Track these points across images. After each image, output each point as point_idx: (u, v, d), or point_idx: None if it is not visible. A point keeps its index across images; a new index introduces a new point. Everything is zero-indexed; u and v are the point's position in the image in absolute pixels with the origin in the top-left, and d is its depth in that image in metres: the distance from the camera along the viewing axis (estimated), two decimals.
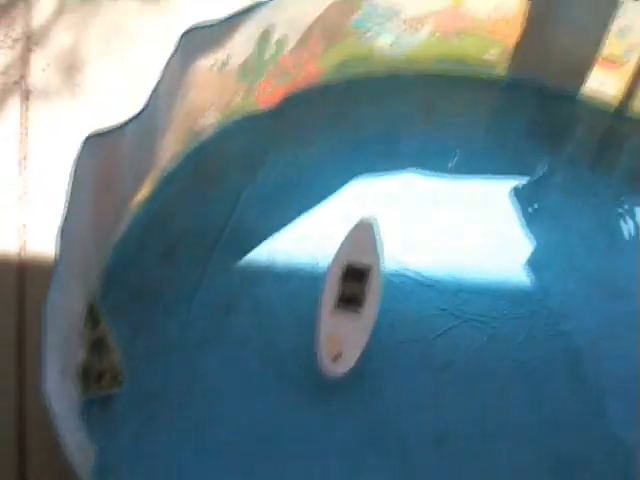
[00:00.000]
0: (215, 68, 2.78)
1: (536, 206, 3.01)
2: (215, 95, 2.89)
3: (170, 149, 2.86)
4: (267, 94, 3.02)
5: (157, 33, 3.26)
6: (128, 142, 2.49)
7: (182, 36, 2.53)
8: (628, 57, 2.94)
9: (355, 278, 2.97)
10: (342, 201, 3.02)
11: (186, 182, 2.97)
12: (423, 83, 3.15)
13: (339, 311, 3.04)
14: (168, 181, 2.91)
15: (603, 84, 3.04)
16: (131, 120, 2.40)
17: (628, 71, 2.96)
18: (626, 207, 3.02)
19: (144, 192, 2.84)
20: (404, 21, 3.07)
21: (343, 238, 3.13)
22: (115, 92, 3.08)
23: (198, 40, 2.57)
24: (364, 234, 3.11)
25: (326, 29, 2.97)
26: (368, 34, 3.09)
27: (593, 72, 3.02)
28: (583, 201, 2.98)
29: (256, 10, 2.64)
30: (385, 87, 3.14)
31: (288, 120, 3.03)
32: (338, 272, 2.99)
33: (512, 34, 3.04)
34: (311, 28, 2.91)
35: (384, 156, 3.06)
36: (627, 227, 2.94)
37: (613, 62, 2.98)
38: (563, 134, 3.22)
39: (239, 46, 2.75)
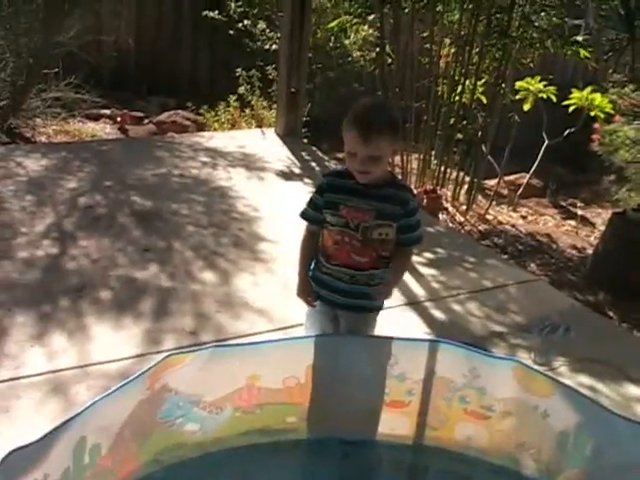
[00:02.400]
0: None
1: None
2: None
3: None
4: None
5: None
6: None
7: (3, 460, 2.53)
8: (410, 397, 3.34)
9: None
10: None
11: None
12: (234, 457, 3.26)
13: None
14: None
15: (396, 423, 3.34)
16: None
17: (414, 409, 3.35)
18: None
19: None
20: (207, 406, 3.29)
21: None
22: None
23: (19, 462, 2.57)
24: None
25: (136, 427, 3.06)
26: (176, 423, 3.24)
27: (385, 415, 3.35)
28: None
29: (67, 426, 2.73)
30: (199, 469, 3.25)
31: None
32: None
33: (305, 399, 3.34)
34: (122, 429, 3.01)
35: None
36: None
37: (399, 404, 3.39)
38: (372, 477, 3.48)
39: (57, 460, 2.75)
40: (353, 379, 3.36)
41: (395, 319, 3.41)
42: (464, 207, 7.58)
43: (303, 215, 3.34)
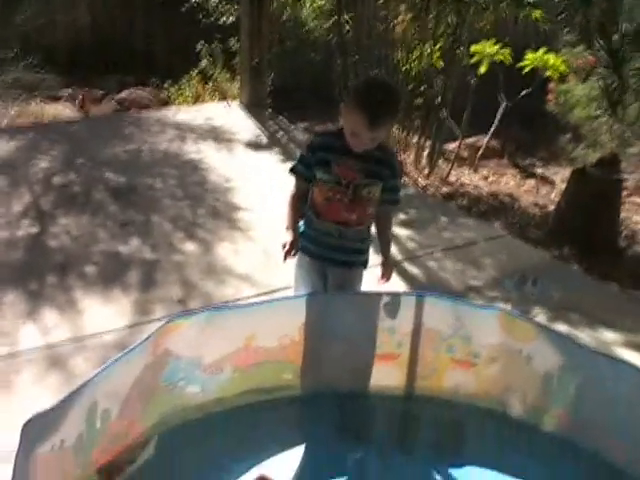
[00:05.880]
0: (54, 450, 2.85)
1: None
2: (58, 474, 2.92)
3: None
4: (102, 458, 3.11)
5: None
6: None
7: (24, 426, 2.58)
8: (400, 349, 3.49)
9: None
10: None
11: None
12: (234, 417, 3.33)
13: None
14: None
15: (388, 375, 3.49)
16: None
17: (404, 360, 3.49)
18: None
19: None
20: (207, 367, 3.39)
21: None
22: None
23: (38, 428, 2.62)
24: None
25: (142, 392, 3.14)
26: (178, 386, 3.32)
27: (376, 368, 3.50)
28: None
29: (81, 391, 2.79)
30: (201, 429, 3.34)
31: None
32: None
33: (299, 356, 3.46)
34: (129, 394, 3.06)
35: None
36: None
37: (390, 356, 3.52)
38: (367, 426, 3.55)
39: (71, 425, 2.81)
40: (344, 334, 3.49)
41: (375, 278, 3.53)
42: (426, 171, 7.70)
43: (293, 170, 3.40)
